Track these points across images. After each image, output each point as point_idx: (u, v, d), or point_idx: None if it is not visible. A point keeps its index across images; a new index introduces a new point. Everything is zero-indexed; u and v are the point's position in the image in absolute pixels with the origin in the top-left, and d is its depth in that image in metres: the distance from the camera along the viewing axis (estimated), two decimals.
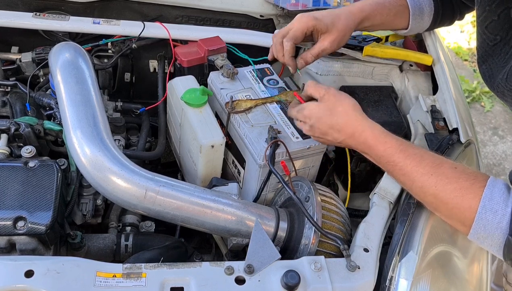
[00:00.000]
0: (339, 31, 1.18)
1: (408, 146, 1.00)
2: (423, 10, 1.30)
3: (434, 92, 1.37)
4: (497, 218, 0.87)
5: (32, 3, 1.51)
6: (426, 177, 0.94)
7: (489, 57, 1.04)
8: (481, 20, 1.02)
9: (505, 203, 0.87)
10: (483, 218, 0.88)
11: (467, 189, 0.91)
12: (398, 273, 0.95)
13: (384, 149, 0.99)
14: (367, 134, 1.01)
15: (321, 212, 1.03)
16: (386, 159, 1.00)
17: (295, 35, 1.17)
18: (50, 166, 1.04)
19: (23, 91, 1.37)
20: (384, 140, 1.00)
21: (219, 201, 1.05)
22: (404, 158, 0.97)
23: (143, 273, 0.89)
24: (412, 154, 0.97)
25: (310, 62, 1.21)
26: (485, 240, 0.90)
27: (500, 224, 0.87)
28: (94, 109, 1.12)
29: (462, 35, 4.02)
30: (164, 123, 1.43)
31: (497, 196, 0.88)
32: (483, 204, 0.88)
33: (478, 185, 0.90)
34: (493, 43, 1.01)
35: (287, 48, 1.17)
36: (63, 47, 1.27)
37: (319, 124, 1.05)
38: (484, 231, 0.89)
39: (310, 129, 1.08)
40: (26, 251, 0.97)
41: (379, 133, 1.01)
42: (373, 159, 1.04)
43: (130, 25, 1.47)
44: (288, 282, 0.87)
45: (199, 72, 1.40)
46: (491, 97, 3.43)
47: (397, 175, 1.00)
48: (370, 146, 1.01)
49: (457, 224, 0.95)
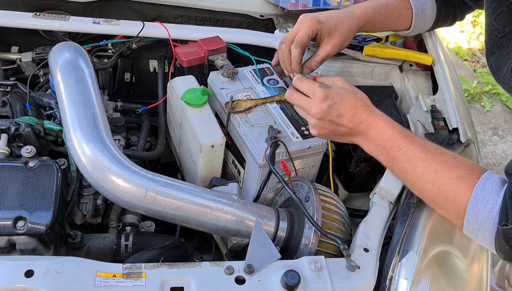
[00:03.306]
0: (342, 36, 1.18)
1: (412, 134, 1.04)
2: (426, 11, 1.30)
3: (434, 92, 1.37)
4: (487, 207, 0.88)
5: (32, 3, 1.51)
6: (427, 162, 0.96)
7: (497, 49, 1.04)
8: (490, 12, 1.02)
9: (496, 193, 0.88)
10: (475, 207, 0.89)
11: (464, 178, 0.92)
12: (398, 273, 0.95)
13: (392, 133, 1.02)
14: (379, 119, 1.04)
15: (321, 212, 1.03)
16: (392, 143, 1.01)
17: (302, 41, 1.15)
18: (50, 166, 1.04)
19: (23, 91, 1.37)
20: (393, 125, 1.03)
21: (219, 200, 1.05)
22: (409, 143, 1.00)
23: (143, 273, 0.89)
24: (416, 141, 1.01)
25: (314, 69, 1.20)
26: (478, 233, 0.91)
27: (490, 213, 0.88)
28: (94, 109, 1.12)
29: (462, 35, 4.02)
30: (164, 123, 1.43)
31: (490, 187, 0.89)
32: (475, 194, 0.90)
33: (474, 176, 0.92)
34: (501, 35, 1.01)
35: (295, 54, 1.15)
36: (63, 47, 1.27)
37: (339, 105, 1.03)
38: (476, 221, 0.90)
39: (324, 111, 1.03)
40: (26, 251, 0.97)
41: (388, 118, 1.05)
42: (377, 145, 1.04)
43: (130, 25, 1.47)
44: (288, 282, 0.87)
45: (199, 72, 1.40)
46: (491, 97, 3.43)
47: (400, 161, 1.01)
48: (380, 129, 1.03)
49: (452, 216, 0.96)
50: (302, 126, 1.19)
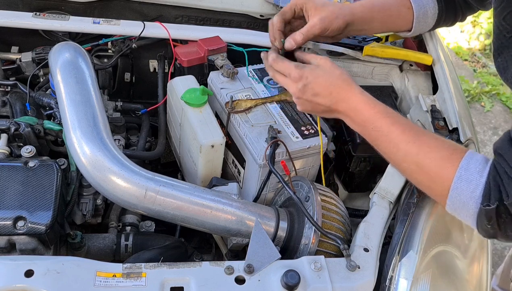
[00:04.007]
0: (330, 12, 1.16)
1: (394, 114, 1.01)
2: (427, 13, 1.29)
3: (434, 92, 1.37)
4: (471, 187, 0.88)
5: (32, 3, 1.51)
6: (410, 144, 0.96)
7: (505, 49, 1.03)
8: (499, 12, 1.01)
9: (480, 173, 0.88)
10: (458, 187, 0.89)
11: (447, 159, 0.92)
12: (398, 273, 0.95)
13: (373, 113, 1.01)
14: (358, 98, 1.03)
15: (321, 212, 1.03)
16: (373, 124, 1.00)
17: (284, 11, 1.18)
18: (50, 166, 1.04)
19: (23, 91, 1.37)
20: (373, 104, 1.02)
21: (219, 200, 1.05)
22: (390, 124, 0.99)
23: (143, 273, 0.89)
24: (397, 121, 0.99)
25: (299, 42, 1.16)
26: (461, 211, 0.91)
27: (473, 193, 0.88)
28: (94, 109, 1.12)
29: (462, 35, 4.03)
30: (164, 123, 1.43)
31: (473, 166, 0.89)
32: (459, 174, 0.90)
33: (457, 156, 0.92)
34: (510, 35, 1.00)
35: (274, 21, 1.16)
36: (63, 47, 1.27)
37: (314, 84, 1.05)
38: (459, 200, 0.90)
39: (300, 90, 1.06)
40: (26, 250, 0.97)
41: (368, 98, 1.03)
42: (358, 125, 1.04)
43: (130, 25, 1.47)
44: (288, 281, 0.87)
45: (199, 72, 1.39)
46: (491, 97, 3.43)
47: (382, 142, 1.01)
48: (359, 109, 1.02)
49: (437, 195, 0.96)
50: (302, 126, 1.19)
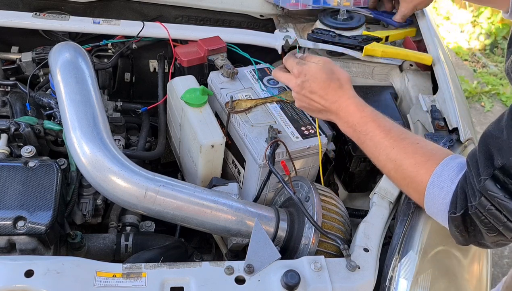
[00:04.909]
0: None
1: (381, 117, 1.03)
2: None
3: (434, 92, 1.37)
4: (442, 194, 0.89)
5: (32, 3, 1.51)
6: (389, 149, 0.98)
7: None
8: None
9: (451, 180, 0.88)
10: (431, 193, 0.90)
11: (422, 165, 0.93)
12: (398, 273, 0.95)
13: (361, 116, 1.03)
14: (349, 101, 1.05)
15: (321, 212, 1.03)
16: (361, 127, 1.02)
17: None
18: (50, 166, 1.04)
19: (23, 91, 1.37)
20: (363, 108, 1.04)
21: (219, 201, 1.05)
22: (375, 128, 1.01)
23: (143, 273, 0.89)
24: (382, 125, 1.01)
25: None
26: (437, 216, 0.92)
27: (444, 199, 0.88)
28: (94, 109, 1.12)
29: (462, 35, 4.02)
30: (164, 123, 1.43)
31: (447, 173, 0.90)
32: (432, 180, 0.90)
33: (433, 162, 0.92)
34: None
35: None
36: (63, 47, 1.27)
37: (312, 82, 1.07)
38: (434, 206, 0.91)
39: (299, 85, 1.09)
40: (26, 251, 0.97)
41: (359, 101, 1.06)
42: (347, 127, 1.05)
43: (130, 25, 1.47)
44: (288, 282, 0.87)
45: (199, 72, 1.39)
46: (491, 97, 3.43)
47: (367, 146, 1.02)
48: (350, 112, 1.04)
49: (416, 200, 0.97)
50: (302, 126, 1.19)
